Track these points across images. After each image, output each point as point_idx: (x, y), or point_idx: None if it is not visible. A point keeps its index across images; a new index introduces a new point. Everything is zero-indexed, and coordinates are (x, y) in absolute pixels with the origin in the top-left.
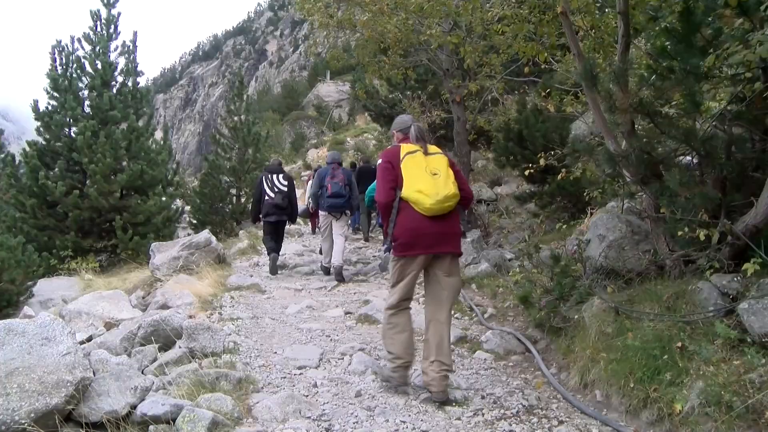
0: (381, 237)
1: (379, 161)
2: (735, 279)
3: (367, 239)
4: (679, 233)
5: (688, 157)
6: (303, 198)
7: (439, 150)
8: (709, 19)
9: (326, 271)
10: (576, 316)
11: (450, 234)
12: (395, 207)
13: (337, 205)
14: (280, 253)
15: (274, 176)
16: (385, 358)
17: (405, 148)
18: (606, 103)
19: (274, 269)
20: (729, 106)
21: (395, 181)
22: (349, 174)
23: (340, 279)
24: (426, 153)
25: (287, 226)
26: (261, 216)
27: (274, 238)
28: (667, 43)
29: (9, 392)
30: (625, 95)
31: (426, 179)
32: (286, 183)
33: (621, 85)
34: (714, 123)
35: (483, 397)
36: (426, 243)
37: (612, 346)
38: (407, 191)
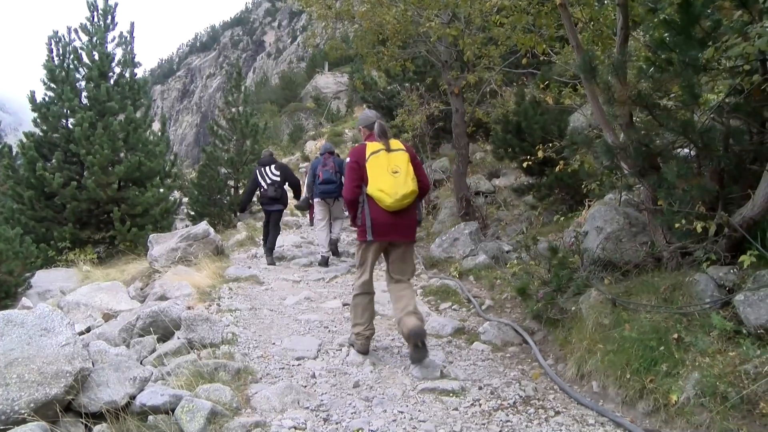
0: None
1: (347, 159)
2: (731, 271)
3: None
4: (677, 225)
5: (686, 150)
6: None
7: (402, 146)
8: (708, 11)
9: (324, 261)
10: (573, 308)
11: (405, 225)
12: (362, 200)
13: (328, 191)
14: (278, 245)
15: (267, 168)
16: (351, 326)
17: (370, 147)
18: (604, 95)
19: (270, 261)
20: (727, 98)
21: (361, 179)
22: (340, 162)
23: (336, 251)
24: (389, 150)
25: (286, 216)
26: (261, 204)
27: (270, 227)
28: (666, 35)
29: (9, 383)
30: (624, 87)
31: (387, 179)
32: (278, 173)
33: (619, 77)
34: (712, 115)
35: (480, 388)
36: (383, 232)
37: (609, 337)
38: (371, 189)
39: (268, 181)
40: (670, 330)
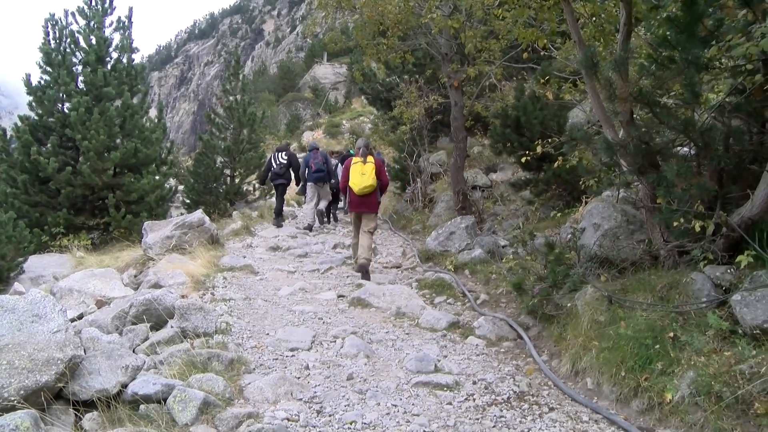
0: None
1: (342, 165)
2: (728, 271)
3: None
4: (675, 224)
5: (686, 148)
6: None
7: (373, 160)
8: (711, 9)
9: (309, 227)
10: (569, 304)
11: (367, 203)
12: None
13: (318, 177)
14: (273, 236)
15: (279, 153)
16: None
17: (354, 160)
18: (605, 92)
19: (277, 222)
20: (728, 97)
21: (347, 176)
22: (325, 155)
23: (321, 220)
24: (364, 162)
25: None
26: (271, 181)
27: (277, 196)
28: (669, 32)
29: None
30: (625, 84)
31: (357, 177)
32: (286, 158)
33: (621, 73)
34: (713, 114)
35: (474, 383)
36: (356, 206)
37: (604, 334)
38: (349, 182)
39: (278, 163)
40: (665, 328)
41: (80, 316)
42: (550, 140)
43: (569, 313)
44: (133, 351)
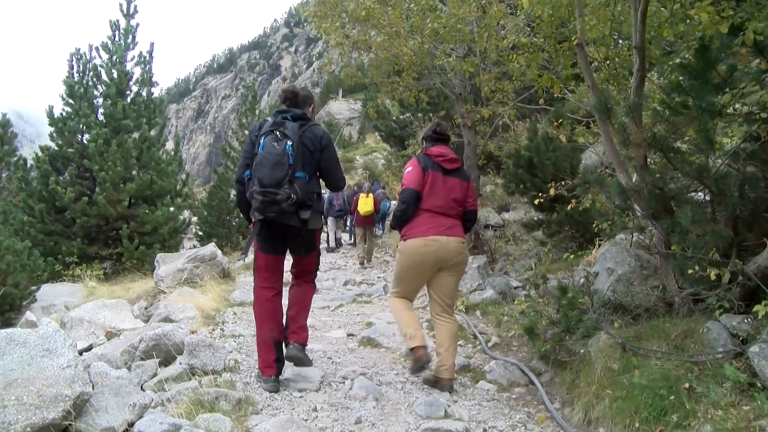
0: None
1: (354, 197)
2: (745, 320)
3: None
4: (690, 271)
5: (701, 194)
6: None
7: (372, 196)
8: (723, 55)
9: (331, 250)
10: (582, 350)
11: (369, 221)
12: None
13: (340, 215)
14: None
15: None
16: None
17: (362, 195)
18: (619, 137)
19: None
20: (743, 144)
21: (357, 204)
22: (343, 197)
23: (339, 244)
24: (367, 196)
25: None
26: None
27: (331, 227)
28: (682, 78)
29: (6, 404)
30: (639, 129)
31: (363, 205)
32: (342, 197)
33: (635, 119)
34: (727, 161)
35: (485, 430)
36: (362, 222)
37: (618, 382)
38: (358, 208)
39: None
40: (681, 378)
41: (89, 348)
42: (563, 182)
43: (582, 359)
44: (141, 387)
